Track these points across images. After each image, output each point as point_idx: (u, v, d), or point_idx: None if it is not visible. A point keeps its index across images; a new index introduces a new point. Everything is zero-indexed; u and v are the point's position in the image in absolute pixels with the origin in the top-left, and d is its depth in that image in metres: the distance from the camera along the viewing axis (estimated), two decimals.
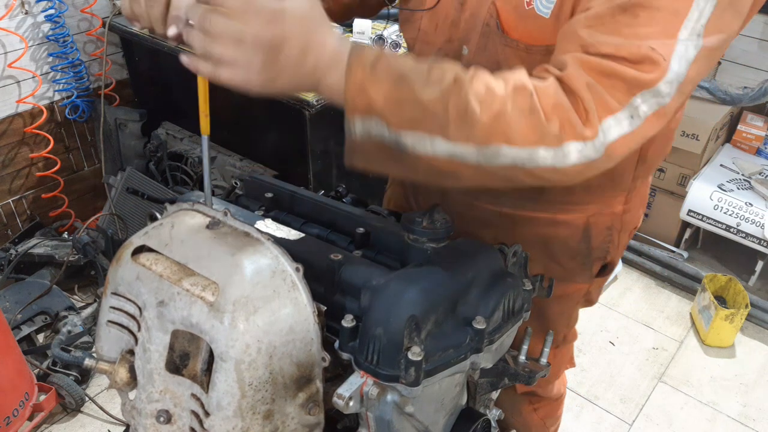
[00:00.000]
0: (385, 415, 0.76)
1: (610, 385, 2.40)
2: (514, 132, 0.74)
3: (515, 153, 0.75)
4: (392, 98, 0.74)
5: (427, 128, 0.75)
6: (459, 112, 0.74)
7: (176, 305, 0.72)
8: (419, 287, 0.75)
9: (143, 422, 0.77)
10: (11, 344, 1.94)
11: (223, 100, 1.10)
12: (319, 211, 1.00)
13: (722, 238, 2.74)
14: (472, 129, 0.74)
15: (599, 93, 0.74)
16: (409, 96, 0.74)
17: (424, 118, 0.75)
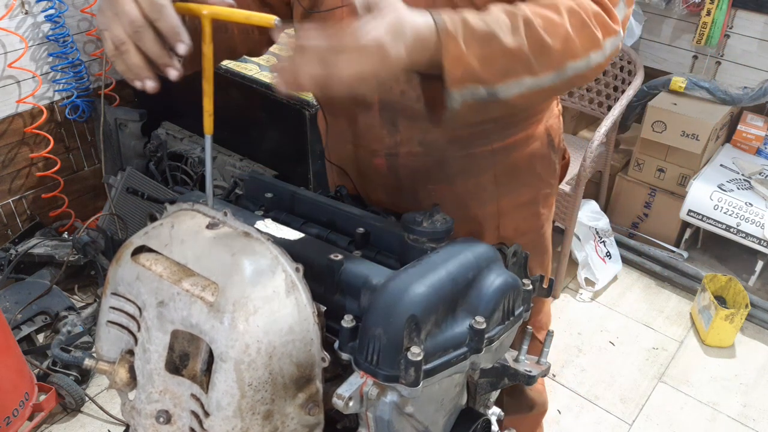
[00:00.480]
0: (385, 415, 0.76)
1: (610, 385, 2.40)
2: (577, 48, 0.87)
3: (578, 64, 0.88)
4: (486, 58, 0.82)
5: (517, 72, 0.85)
6: (537, 49, 0.85)
7: (176, 305, 0.72)
8: (419, 287, 0.75)
9: (143, 422, 0.77)
10: (11, 344, 1.94)
11: (223, 100, 1.10)
12: (319, 211, 1.00)
13: (722, 238, 2.74)
14: (550, 57, 0.86)
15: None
16: (498, 50, 0.83)
17: (514, 65, 0.84)
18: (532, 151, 1.19)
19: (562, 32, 0.86)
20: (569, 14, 0.87)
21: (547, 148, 1.22)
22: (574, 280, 2.83)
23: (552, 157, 1.23)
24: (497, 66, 0.84)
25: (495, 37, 0.83)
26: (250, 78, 2.18)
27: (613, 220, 2.99)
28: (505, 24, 0.84)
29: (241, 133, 2.39)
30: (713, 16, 2.71)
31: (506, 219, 1.21)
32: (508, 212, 1.21)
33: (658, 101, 2.79)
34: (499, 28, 0.84)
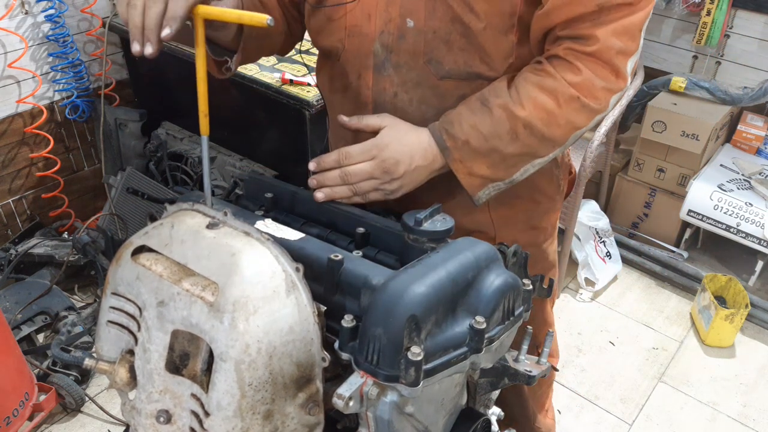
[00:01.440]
0: (385, 415, 0.76)
1: (610, 385, 2.40)
2: (578, 123, 0.99)
3: (583, 130, 1.01)
4: (491, 166, 1.01)
5: (526, 162, 1.02)
6: (539, 141, 0.99)
7: (176, 305, 0.72)
8: (419, 287, 0.75)
9: (143, 422, 0.77)
10: (11, 344, 1.94)
11: (223, 100, 1.10)
12: (319, 211, 1.00)
13: (722, 238, 2.74)
14: (553, 142, 1.00)
15: (625, 50, 0.95)
16: (501, 158, 1.00)
17: (520, 161, 1.01)
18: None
19: (563, 121, 0.98)
20: (567, 104, 0.97)
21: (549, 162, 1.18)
22: (574, 280, 2.84)
23: (554, 172, 1.22)
24: (506, 166, 1.01)
25: (497, 150, 0.99)
26: (250, 78, 2.18)
27: (613, 220, 2.99)
28: (505, 133, 0.98)
29: (241, 133, 2.39)
30: (713, 16, 2.71)
31: (503, 231, 1.20)
32: (505, 224, 1.20)
33: (658, 101, 2.79)
34: (500, 140, 0.98)
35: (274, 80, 2.15)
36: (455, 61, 1.03)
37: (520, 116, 0.97)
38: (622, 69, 0.96)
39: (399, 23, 1.03)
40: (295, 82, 2.13)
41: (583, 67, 0.96)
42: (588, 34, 0.94)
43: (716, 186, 2.67)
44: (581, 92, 0.96)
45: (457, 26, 1.00)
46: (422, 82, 1.06)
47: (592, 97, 0.97)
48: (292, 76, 2.16)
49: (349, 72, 1.11)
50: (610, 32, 0.93)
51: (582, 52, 0.95)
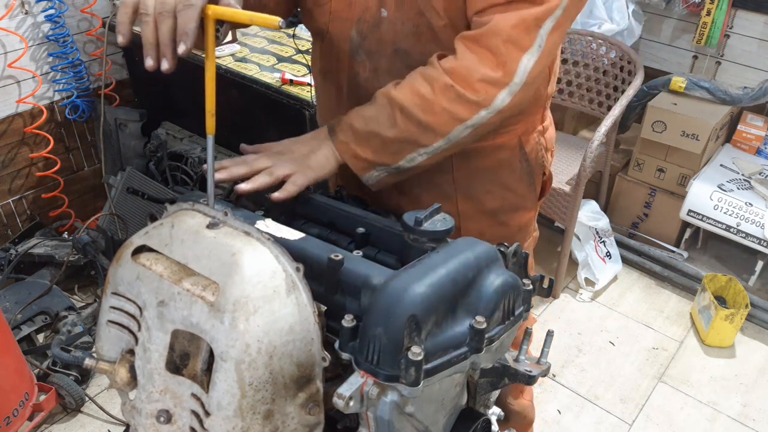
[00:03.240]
0: (385, 414, 0.76)
1: (610, 385, 2.40)
2: (458, 113, 0.97)
3: (468, 125, 0.99)
4: (374, 150, 1.02)
5: (409, 149, 1.02)
6: (417, 128, 0.99)
7: (176, 305, 0.72)
8: (419, 287, 0.75)
9: (143, 422, 0.77)
10: (11, 344, 1.94)
11: (223, 100, 1.10)
12: (319, 211, 1.00)
13: (722, 238, 2.74)
14: (433, 130, 0.99)
15: (514, 41, 0.93)
16: (382, 143, 1.01)
17: (403, 146, 1.02)
18: (498, 160, 1.20)
19: (438, 109, 0.97)
20: (442, 92, 0.97)
21: (519, 160, 1.22)
22: (574, 280, 2.84)
23: (524, 168, 1.23)
24: (389, 152, 1.02)
25: (376, 134, 1.01)
26: (250, 78, 2.18)
27: (613, 220, 2.99)
28: (384, 117, 1.00)
29: (241, 133, 2.38)
30: (713, 16, 2.71)
31: (468, 223, 1.22)
32: (471, 217, 1.22)
33: (658, 101, 2.79)
34: (378, 124, 1.00)
35: (274, 80, 2.15)
36: (422, 52, 1.06)
37: (396, 100, 0.99)
38: (510, 62, 0.94)
39: (374, 12, 1.07)
40: (295, 82, 2.13)
41: (463, 54, 0.96)
42: (483, 21, 0.94)
43: (716, 186, 2.67)
44: (455, 80, 0.95)
45: (422, 20, 1.04)
46: (391, 70, 1.10)
47: (469, 88, 0.95)
48: (292, 76, 2.16)
49: (330, 54, 1.18)
50: (505, 20, 0.92)
51: (468, 37, 0.96)
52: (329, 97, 1.27)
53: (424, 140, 1.00)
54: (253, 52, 2.39)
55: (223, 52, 2.31)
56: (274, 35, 2.53)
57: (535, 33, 0.93)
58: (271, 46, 2.45)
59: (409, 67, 1.06)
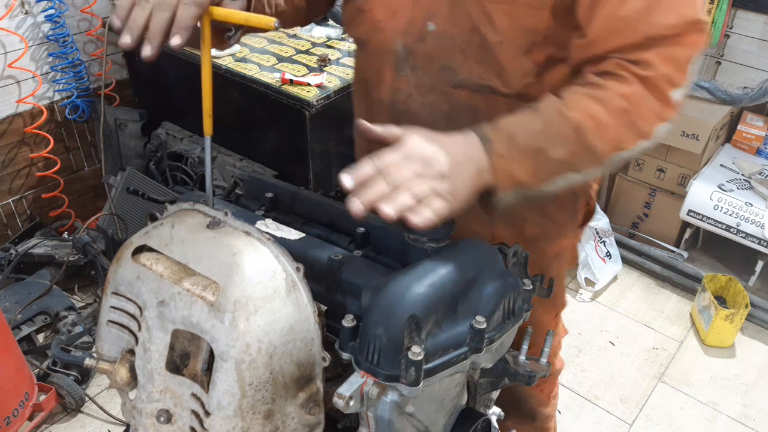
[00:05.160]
0: (386, 414, 0.76)
1: (610, 385, 2.40)
2: (624, 143, 0.90)
3: (624, 154, 0.91)
4: (533, 170, 0.88)
5: (563, 174, 0.90)
6: (585, 153, 0.89)
7: (177, 305, 0.72)
8: (419, 287, 0.75)
9: (143, 422, 0.77)
10: (11, 344, 1.94)
11: (223, 101, 1.10)
12: (319, 211, 1.00)
13: (722, 238, 2.74)
14: (597, 157, 0.90)
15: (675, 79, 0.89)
16: (546, 162, 0.88)
17: (559, 171, 0.90)
18: None
19: (612, 135, 0.89)
20: (617, 115, 0.88)
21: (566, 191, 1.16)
22: (574, 280, 2.83)
23: (568, 198, 1.18)
24: (545, 174, 0.90)
25: (543, 151, 0.87)
26: (250, 78, 2.18)
27: (613, 220, 2.99)
28: (554, 134, 0.88)
29: (241, 133, 2.39)
30: (713, 16, 2.71)
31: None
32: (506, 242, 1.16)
33: None
34: (548, 140, 0.88)
35: (274, 80, 2.15)
36: (470, 71, 1.01)
37: (571, 118, 0.88)
38: (670, 97, 0.89)
39: (421, 25, 1.02)
40: (295, 82, 2.13)
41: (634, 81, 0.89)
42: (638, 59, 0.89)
43: (716, 186, 2.67)
44: (631, 105, 0.88)
45: (475, 36, 0.98)
46: (436, 88, 1.05)
47: (641, 117, 0.89)
48: (292, 76, 2.16)
49: (371, 65, 1.12)
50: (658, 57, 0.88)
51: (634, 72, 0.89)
52: (367, 109, 1.21)
53: (583, 165, 0.91)
54: (253, 52, 2.39)
55: (223, 52, 2.31)
56: (274, 35, 2.53)
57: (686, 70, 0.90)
58: (271, 46, 2.45)
59: (455, 86, 1.02)
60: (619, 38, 0.89)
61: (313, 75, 2.19)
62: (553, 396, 1.55)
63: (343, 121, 2.26)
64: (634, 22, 0.87)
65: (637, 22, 0.87)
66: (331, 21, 2.63)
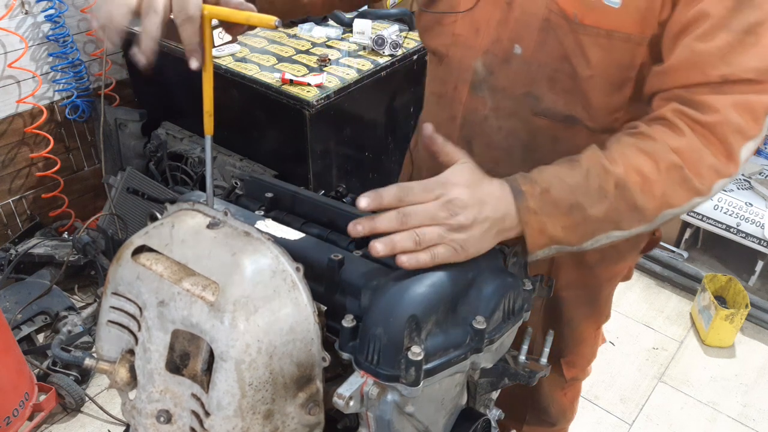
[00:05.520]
0: (386, 414, 0.76)
1: (610, 385, 2.40)
2: (674, 200, 0.82)
3: (676, 211, 0.84)
4: (568, 227, 0.82)
5: (604, 231, 0.84)
6: (628, 210, 0.82)
7: (176, 305, 0.72)
8: (419, 287, 0.75)
9: (143, 422, 0.77)
10: (11, 344, 1.94)
11: (223, 101, 1.10)
12: (319, 211, 1.00)
13: (722, 238, 2.74)
14: (643, 216, 0.83)
15: (743, 130, 0.81)
16: (582, 219, 0.82)
17: (600, 228, 0.83)
18: None
19: (658, 192, 0.81)
20: (668, 171, 0.81)
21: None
22: None
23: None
24: (582, 231, 0.83)
25: (580, 207, 0.81)
26: (250, 78, 2.18)
27: None
28: (593, 189, 0.81)
29: (241, 133, 2.39)
30: None
31: (560, 271, 1.14)
32: (565, 266, 1.14)
33: None
34: (586, 196, 0.81)
35: (274, 80, 2.15)
36: (555, 100, 0.97)
37: (613, 173, 0.81)
38: (736, 151, 0.81)
39: (506, 46, 0.98)
40: (295, 82, 2.13)
41: (689, 133, 0.82)
42: (704, 102, 0.81)
43: None
44: (685, 161, 0.81)
45: (565, 66, 0.94)
46: (516, 114, 1.01)
47: (696, 172, 0.81)
48: (292, 76, 2.16)
49: (447, 80, 1.08)
50: (730, 104, 0.80)
51: (694, 119, 0.82)
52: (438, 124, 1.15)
53: (626, 223, 0.83)
54: (253, 52, 2.39)
55: (222, 52, 2.31)
56: (275, 35, 2.53)
57: (763, 121, 0.81)
58: (271, 46, 2.45)
59: (536, 114, 0.98)
60: (695, 73, 0.82)
61: (313, 75, 2.19)
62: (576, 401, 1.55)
63: (343, 121, 2.26)
64: (714, 58, 0.81)
65: (717, 59, 0.80)
66: (331, 21, 2.63)
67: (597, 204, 0.81)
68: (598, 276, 1.19)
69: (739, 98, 0.80)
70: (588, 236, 0.84)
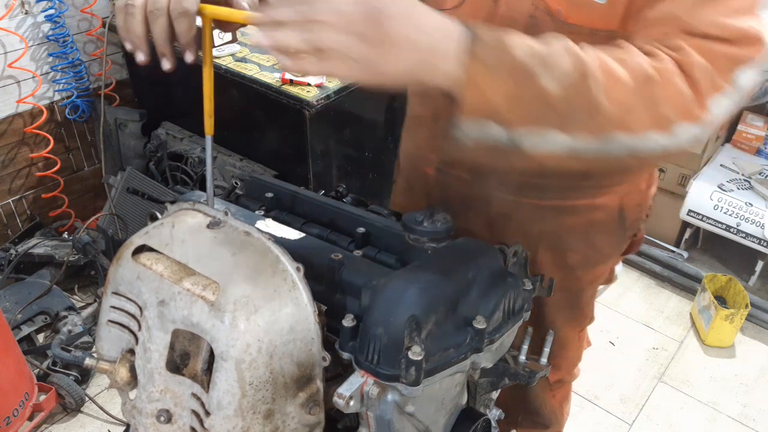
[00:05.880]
0: (386, 414, 0.76)
1: (610, 385, 2.40)
2: (636, 121, 0.73)
3: (633, 141, 0.74)
4: (512, 96, 0.70)
5: (548, 123, 0.72)
6: (585, 107, 0.72)
7: (177, 305, 0.72)
8: (420, 287, 0.75)
9: (144, 422, 0.77)
10: (11, 344, 1.94)
11: (223, 101, 1.10)
12: (319, 211, 1.00)
13: (722, 238, 2.74)
14: (596, 121, 0.73)
15: (711, 75, 0.75)
16: (531, 92, 0.71)
17: (546, 114, 0.72)
18: (591, 221, 1.10)
19: (623, 97, 0.73)
20: (643, 83, 0.73)
21: (615, 223, 1.12)
22: None
23: (617, 232, 1.14)
24: (525, 110, 0.72)
25: (533, 75, 0.70)
26: (250, 78, 2.18)
27: None
28: (554, 64, 0.71)
29: (241, 133, 2.39)
30: None
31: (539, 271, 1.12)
32: (546, 267, 1.14)
33: None
34: (544, 67, 0.71)
35: (274, 80, 2.15)
36: None
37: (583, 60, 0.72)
38: (705, 95, 0.75)
39: None
40: (295, 82, 2.13)
41: (666, 59, 0.76)
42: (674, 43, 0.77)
43: (716, 186, 2.67)
44: (659, 76, 0.74)
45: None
46: None
47: (665, 96, 0.74)
48: (292, 76, 2.16)
49: None
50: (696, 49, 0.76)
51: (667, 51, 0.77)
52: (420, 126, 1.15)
53: (574, 125, 0.73)
54: (253, 52, 2.39)
55: (222, 52, 2.31)
56: None
57: (730, 76, 0.77)
58: None
59: None
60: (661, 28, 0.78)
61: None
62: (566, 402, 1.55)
63: (343, 121, 2.26)
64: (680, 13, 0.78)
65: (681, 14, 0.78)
66: None
67: (552, 80, 0.71)
68: (579, 279, 1.19)
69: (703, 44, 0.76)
70: (528, 120, 0.72)
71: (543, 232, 1.11)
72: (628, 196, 1.11)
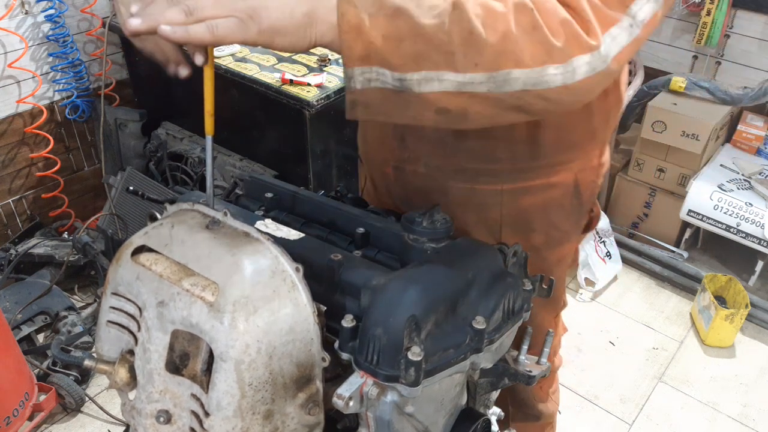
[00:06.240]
0: (385, 415, 0.76)
1: (610, 385, 2.40)
2: (522, 51, 0.71)
3: (525, 75, 0.72)
4: (391, 36, 0.70)
5: (433, 62, 0.71)
6: (464, 38, 0.70)
7: (176, 305, 0.72)
8: (419, 287, 0.75)
9: (143, 422, 0.77)
10: (11, 344, 1.94)
11: (223, 100, 1.09)
12: (319, 211, 1.00)
13: (722, 238, 2.74)
14: (481, 54, 0.71)
15: (598, 6, 0.74)
16: (408, 29, 0.70)
17: (428, 51, 0.71)
18: (549, 199, 1.13)
19: (502, 27, 0.70)
20: (518, 11, 0.71)
21: (571, 199, 1.14)
22: (574, 280, 2.83)
23: (574, 207, 1.17)
24: (406, 48, 0.70)
25: (407, 14, 0.69)
26: (250, 78, 2.18)
27: (613, 220, 2.99)
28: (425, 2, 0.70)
29: (241, 133, 2.39)
30: (713, 16, 2.70)
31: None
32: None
33: (658, 101, 2.79)
34: (419, 5, 0.70)
35: (274, 80, 2.15)
36: None
37: None
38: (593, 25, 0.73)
39: None
40: (295, 82, 2.13)
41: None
42: None
43: (716, 186, 2.67)
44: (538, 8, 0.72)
45: None
46: None
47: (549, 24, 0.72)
48: (292, 76, 2.16)
49: None
50: None
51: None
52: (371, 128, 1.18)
53: (460, 58, 0.71)
54: (253, 52, 2.39)
55: (223, 52, 2.31)
56: None
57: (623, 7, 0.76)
58: None
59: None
60: None
61: (313, 75, 2.19)
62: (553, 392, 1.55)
63: (343, 121, 2.26)
64: None
65: None
66: None
67: (426, 14, 0.70)
68: (546, 259, 1.20)
69: None
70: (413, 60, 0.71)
71: (504, 215, 1.13)
72: (582, 172, 1.13)
